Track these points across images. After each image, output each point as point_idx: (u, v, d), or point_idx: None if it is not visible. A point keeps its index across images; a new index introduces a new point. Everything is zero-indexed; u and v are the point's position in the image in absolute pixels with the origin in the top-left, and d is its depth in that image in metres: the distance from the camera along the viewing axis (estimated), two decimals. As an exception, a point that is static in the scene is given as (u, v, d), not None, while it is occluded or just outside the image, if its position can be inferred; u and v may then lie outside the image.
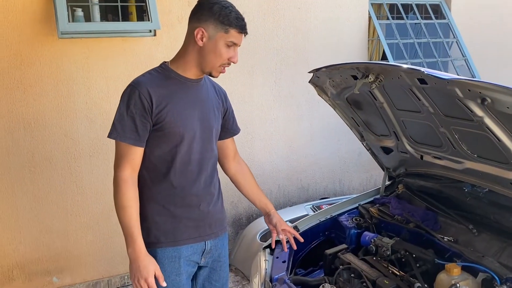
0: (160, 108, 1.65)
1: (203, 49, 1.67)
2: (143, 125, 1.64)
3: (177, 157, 1.71)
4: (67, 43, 2.95)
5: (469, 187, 2.16)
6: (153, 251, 1.71)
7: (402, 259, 2.02)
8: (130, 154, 1.66)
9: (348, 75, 2.06)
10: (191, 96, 1.74)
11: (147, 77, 1.70)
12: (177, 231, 1.75)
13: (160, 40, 3.20)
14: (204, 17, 1.65)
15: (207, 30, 1.65)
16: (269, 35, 3.66)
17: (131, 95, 1.64)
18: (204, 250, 1.82)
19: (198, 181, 1.77)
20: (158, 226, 1.73)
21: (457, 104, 1.68)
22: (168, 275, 1.72)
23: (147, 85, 1.65)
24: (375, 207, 2.51)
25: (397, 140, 2.34)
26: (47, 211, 3.07)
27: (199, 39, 1.66)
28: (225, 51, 1.68)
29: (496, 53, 4.65)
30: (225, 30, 1.65)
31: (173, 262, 1.74)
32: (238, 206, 3.73)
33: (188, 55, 1.70)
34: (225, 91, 1.97)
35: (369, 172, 4.24)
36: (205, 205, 1.80)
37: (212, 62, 1.69)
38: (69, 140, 3.06)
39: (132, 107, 1.62)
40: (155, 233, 1.73)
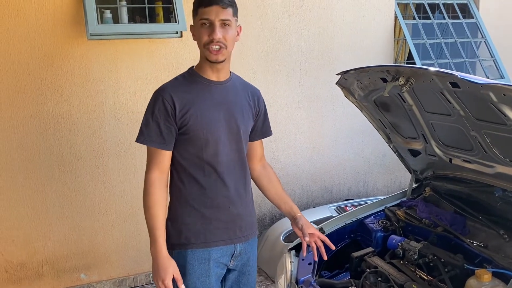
0: (183, 112, 1.68)
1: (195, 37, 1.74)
2: (168, 129, 1.68)
3: (204, 159, 1.73)
4: (96, 44, 3.01)
5: (500, 192, 2.12)
6: (183, 252, 1.74)
7: (430, 263, 2.00)
8: (157, 157, 1.70)
9: (377, 78, 2.05)
10: (216, 98, 1.75)
11: (172, 83, 1.75)
12: (208, 232, 1.76)
13: (186, 41, 3.23)
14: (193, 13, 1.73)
15: (193, 23, 1.74)
16: (294, 35, 3.65)
17: (156, 101, 1.69)
18: (234, 253, 1.83)
19: (227, 183, 1.78)
20: (189, 227, 1.75)
21: (489, 108, 1.66)
22: (197, 277, 1.74)
23: (170, 91, 1.70)
24: (401, 210, 2.48)
25: (426, 143, 2.31)
26: (76, 209, 3.14)
27: (192, 34, 1.75)
28: (202, 31, 1.67)
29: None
30: (196, 13, 1.70)
31: (203, 264, 1.75)
32: (262, 207, 3.74)
33: (200, 55, 1.76)
34: (259, 93, 1.95)
35: (394, 174, 4.20)
36: (235, 207, 1.80)
37: (200, 47, 1.71)
38: (97, 139, 3.12)
39: (157, 112, 1.67)
40: (186, 234, 1.75)
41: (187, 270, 1.74)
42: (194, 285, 1.75)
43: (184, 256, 1.73)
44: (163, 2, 3.12)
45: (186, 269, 1.74)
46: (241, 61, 3.47)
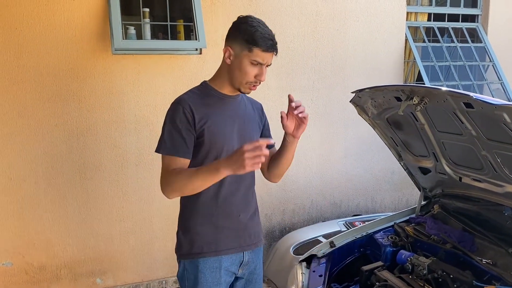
0: (202, 123, 1.72)
1: (230, 66, 1.74)
2: (190, 138, 1.71)
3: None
4: (120, 59, 3.14)
5: (509, 211, 2.16)
6: (195, 261, 1.80)
7: (439, 279, 2.03)
8: (179, 165, 1.71)
9: (391, 97, 2.12)
10: (230, 111, 1.82)
11: (189, 95, 1.78)
12: (219, 241, 1.81)
13: (205, 58, 3.35)
14: (232, 36, 1.72)
15: (233, 49, 1.71)
16: (308, 55, 3.77)
17: (176, 112, 1.71)
18: (242, 262, 1.88)
19: (238, 192, 1.84)
20: (201, 237, 1.80)
21: (502, 129, 1.71)
22: (209, 285, 1.80)
23: (189, 102, 1.73)
24: (410, 226, 2.53)
25: (436, 161, 2.37)
26: (94, 215, 3.23)
27: (227, 58, 1.73)
28: (250, 69, 1.71)
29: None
30: (249, 49, 1.68)
31: (214, 272, 1.80)
32: (272, 219, 3.82)
33: (222, 73, 1.79)
34: (261, 105, 2.03)
35: (402, 191, 4.27)
36: (244, 215, 1.87)
37: (238, 79, 1.74)
38: (118, 149, 3.23)
39: (178, 122, 1.70)
40: (198, 244, 1.80)
41: (199, 279, 1.79)
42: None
43: (196, 265, 1.79)
44: (184, 21, 3.26)
45: (198, 278, 1.79)
46: (257, 78, 3.59)
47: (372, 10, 3.95)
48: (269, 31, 1.72)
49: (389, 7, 4.01)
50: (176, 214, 1.87)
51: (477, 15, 4.55)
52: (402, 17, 4.10)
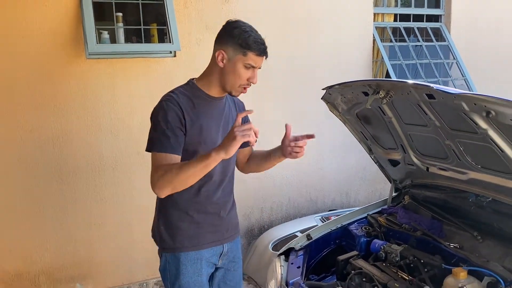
0: (190, 124, 1.75)
1: (223, 70, 1.78)
2: (181, 136, 1.74)
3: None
4: (94, 63, 3.15)
5: (473, 197, 2.28)
6: (177, 255, 1.85)
7: (411, 264, 2.12)
8: (173, 161, 1.71)
9: (359, 92, 2.21)
10: (216, 114, 1.86)
11: (177, 95, 1.78)
12: (200, 236, 1.87)
13: (179, 61, 3.40)
14: (225, 40, 1.77)
15: (226, 52, 1.76)
16: (281, 56, 3.85)
17: (168, 110, 1.72)
18: (222, 252, 1.96)
19: (219, 191, 1.91)
20: (182, 232, 1.85)
21: (462, 118, 1.81)
22: (190, 276, 1.86)
23: (179, 101, 1.75)
24: (383, 216, 2.63)
25: (404, 153, 2.47)
26: (72, 220, 3.22)
27: (220, 61, 1.77)
28: (243, 72, 1.78)
29: (493, 72, 4.86)
30: (243, 53, 1.75)
31: (195, 264, 1.87)
32: (251, 218, 3.88)
33: (211, 75, 1.82)
34: (243, 103, 2.09)
35: (374, 186, 4.40)
36: (224, 212, 1.94)
37: (231, 82, 1.80)
38: (94, 153, 3.23)
39: (171, 120, 1.71)
40: (179, 239, 1.85)
41: (181, 271, 1.85)
42: (188, 284, 1.86)
43: (178, 258, 1.85)
44: (158, 24, 3.29)
45: (180, 270, 1.85)
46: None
47: (340, 12, 4.08)
48: (261, 36, 1.80)
49: (356, 9, 4.15)
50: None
51: (440, 15, 4.75)
52: (369, 18, 4.24)
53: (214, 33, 1.86)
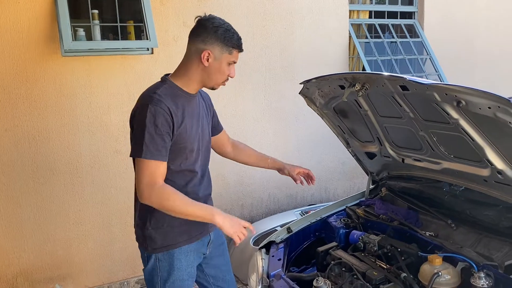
0: (178, 125, 1.77)
1: (208, 68, 1.81)
2: (169, 141, 1.76)
3: (187, 167, 1.87)
4: (70, 61, 3.12)
5: (447, 186, 2.36)
6: (171, 252, 1.88)
7: (388, 253, 2.17)
8: (162, 169, 1.75)
9: (336, 85, 2.25)
10: (194, 111, 1.89)
11: (162, 96, 1.75)
12: (191, 230, 1.92)
13: (157, 58, 3.39)
14: (210, 40, 1.79)
15: (213, 52, 1.79)
16: (258, 53, 3.89)
17: (157, 115, 1.70)
18: (209, 241, 2.06)
19: (202, 185, 1.97)
20: (174, 229, 1.88)
21: (435, 108, 1.86)
22: (184, 269, 1.92)
23: (167, 104, 1.73)
24: (361, 208, 2.68)
25: (380, 145, 2.52)
26: (50, 220, 3.18)
27: (205, 60, 1.79)
28: (227, 69, 1.86)
29: (466, 67, 4.99)
30: (229, 52, 1.82)
31: (187, 256, 1.93)
32: (231, 214, 3.87)
33: (191, 73, 1.83)
34: (208, 94, 2.13)
35: (352, 180, 4.47)
36: (209, 202, 2.04)
37: (216, 80, 1.86)
38: (72, 152, 3.19)
39: (160, 126, 1.71)
40: (172, 236, 1.88)
41: (175, 265, 1.89)
42: (182, 277, 1.92)
43: (172, 254, 1.89)
44: (134, 21, 3.28)
45: (174, 265, 1.89)
46: (209, 76, 3.66)
47: (316, 9, 4.12)
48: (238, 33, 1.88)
49: (332, 6, 4.20)
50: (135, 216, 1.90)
51: (414, 12, 4.85)
52: (345, 15, 4.30)
53: (191, 30, 1.87)
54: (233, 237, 1.77)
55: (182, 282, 1.94)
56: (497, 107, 1.58)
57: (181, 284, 1.94)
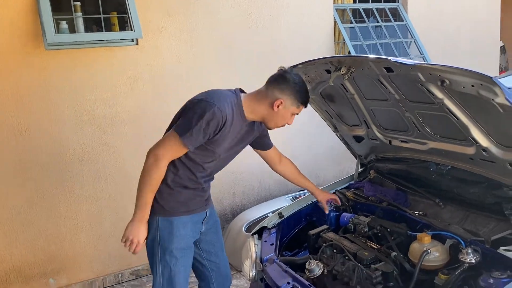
0: (220, 135, 1.96)
1: (275, 113, 2.04)
2: (204, 139, 1.95)
3: (206, 165, 2.07)
4: (54, 54, 3.08)
5: (433, 166, 2.39)
6: (170, 219, 2.04)
7: (378, 234, 2.21)
8: (180, 152, 1.96)
9: (322, 70, 2.27)
10: (241, 134, 2.10)
11: (232, 112, 1.97)
12: (189, 203, 2.09)
13: (142, 48, 3.37)
14: (287, 92, 2.01)
15: (285, 102, 2.02)
16: (245, 40, 3.87)
17: (214, 118, 1.90)
18: (205, 217, 2.20)
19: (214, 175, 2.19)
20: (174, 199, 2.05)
21: (420, 89, 1.89)
22: (182, 238, 2.06)
23: (227, 115, 1.93)
24: (350, 191, 2.72)
25: (368, 128, 2.55)
26: (41, 215, 3.16)
27: (276, 106, 2.01)
28: (289, 118, 2.10)
29: (450, 49, 5.04)
30: (297, 106, 2.05)
31: (186, 227, 2.08)
32: (223, 202, 3.91)
33: (259, 108, 2.05)
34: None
35: (341, 165, 4.50)
36: (208, 186, 2.22)
37: (276, 123, 2.10)
38: (60, 146, 3.17)
39: (210, 126, 1.91)
40: (172, 204, 2.04)
41: (174, 233, 2.04)
42: (181, 246, 2.06)
43: (171, 222, 2.04)
44: (118, 13, 3.24)
45: (173, 233, 2.03)
46: (198, 64, 3.64)
47: (301, -5, 4.12)
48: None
49: (316, -8, 4.20)
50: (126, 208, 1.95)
51: (397, -4, 4.87)
52: (329, 1, 4.30)
53: (176, 19, 1.89)
54: (124, 237, 1.98)
55: (181, 251, 2.07)
56: (480, 85, 1.61)
57: (180, 254, 2.07)
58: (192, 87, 3.59)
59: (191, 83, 3.60)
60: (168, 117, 2.12)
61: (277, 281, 2.06)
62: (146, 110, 3.44)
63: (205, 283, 2.36)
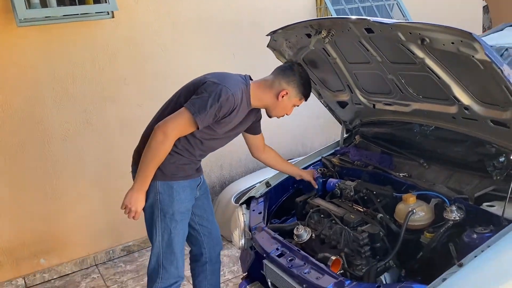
0: (228, 118, 2.05)
1: (278, 102, 2.14)
2: (213, 121, 2.03)
3: (205, 141, 2.14)
4: (27, 31, 2.98)
5: (417, 127, 2.40)
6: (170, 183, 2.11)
7: (364, 197, 2.23)
8: (189, 130, 2.03)
9: (302, 34, 2.23)
10: (245, 119, 2.19)
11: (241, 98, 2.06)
12: (186, 169, 2.16)
13: (118, 22, 3.28)
14: (293, 83, 2.13)
15: (290, 93, 2.13)
16: (225, 10, 3.79)
17: (228, 103, 1.99)
18: (200, 183, 2.29)
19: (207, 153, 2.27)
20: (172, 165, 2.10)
21: (401, 49, 1.86)
22: (182, 201, 2.14)
23: (238, 101, 2.03)
24: (336, 157, 2.72)
25: (351, 93, 2.54)
26: (26, 197, 3.14)
27: (281, 96, 2.12)
28: (289, 109, 2.22)
29: (432, 10, 4.99)
30: (300, 98, 2.18)
31: (185, 191, 2.16)
32: (211, 175, 3.91)
33: (264, 97, 2.15)
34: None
35: (328, 133, 4.49)
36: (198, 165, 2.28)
37: (278, 113, 2.21)
38: (40, 126, 3.11)
39: (222, 110, 1.99)
40: (170, 169, 2.10)
41: (175, 197, 2.11)
42: (180, 209, 2.14)
43: (171, 186, 2.11)
44: (91, -15, 3.14)
45: (174, 196, 2.11)
46: (177, 36, 3.57)
47: (280, -40, 4.02)
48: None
49: (296, -45, 4.10)
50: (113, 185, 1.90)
51: (378, -43, 4.76)
52: (309, -35, 4.21)
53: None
54: (123, 205, 2.04)
55: (181, 215, 2.14)
56: (460, 42, 1.60)
57: (180, 217, 2.14)
58: (171, 60, 3.54)
59: (170, 56, 3.53)
60: (147, 91, 2.08)
61: (266, 248, 2.08)
62: (125, 85, 3.37)
63: (197, 247, 2.42)
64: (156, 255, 2.15)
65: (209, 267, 2.45)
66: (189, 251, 2.46)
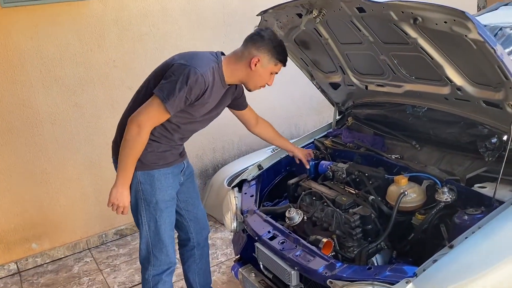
0: (201, 100, 1.97)
1: (253, 72, 2.01)
2: (185, 104, 1.94)
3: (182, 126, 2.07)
4: (12, 12, 2.91)
5: (410, 109, 2.38)
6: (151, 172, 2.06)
7: (356, 179, 2.22)
8: (162, 118, 1.95)
9: (293, 14, 2.18)
10: (218, 96, 2.08)
11: (213, 78, 1.96)
12: (167, 156, 2.10)
13: (106, 2, 3.20)
14: (263, 49, 1.99)
15: (262, 60, 1.99)
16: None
17: (198, 84, 1.89)
18: (183, 168, 2.23)
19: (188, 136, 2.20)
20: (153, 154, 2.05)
21: (393, 29, 1.83)
22: (165, 189, 2.09)
23: (209, 81, 1.94)
24: (328, 139, 2.71)
25: (344, 74, 2.50)
26: (16, 181, 3.11)
27: (253, 64, 1.99)
28: (268, 78, 2.06)
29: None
30: (275, 63, 2.03)
31: (167, 178, 2.10)
32: (204, 158, 3.89)
33: (237, 70, 2.03)
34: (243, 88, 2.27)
35: (321, 114, 4.48)
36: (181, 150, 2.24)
37: (255, 84, 2.07)
38: (28, 109, 3.06)
39: (193, 92, 1.90)
40: (150, 158, 2.05)
41: (156, 186, 2.06)
42: (164, 198, 2.09)
43: (152, 175, 2.06)
44: (77, -37, 3.06)
45: (155, 185, 2.06)
46: (166, 19, 3.50)
47: None
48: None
49: None
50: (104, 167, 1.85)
51: None
52: None
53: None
54: (109, 203, 2.00)
55: (165, 203, 2.10)
56: (453, 21, 1.57)
57: (165, 205, 2.10)
58: (160, 41, 3.48)
59: (159, 36, 3.46)
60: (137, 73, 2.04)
61: (258, 231, 2.07)
62: (114, 67, 3.31)
63: (183, 233, 2.40)
64: (145, 244, 2.13)
65: (197, 251, 2.43)
66: (177, 236, 2.44)
